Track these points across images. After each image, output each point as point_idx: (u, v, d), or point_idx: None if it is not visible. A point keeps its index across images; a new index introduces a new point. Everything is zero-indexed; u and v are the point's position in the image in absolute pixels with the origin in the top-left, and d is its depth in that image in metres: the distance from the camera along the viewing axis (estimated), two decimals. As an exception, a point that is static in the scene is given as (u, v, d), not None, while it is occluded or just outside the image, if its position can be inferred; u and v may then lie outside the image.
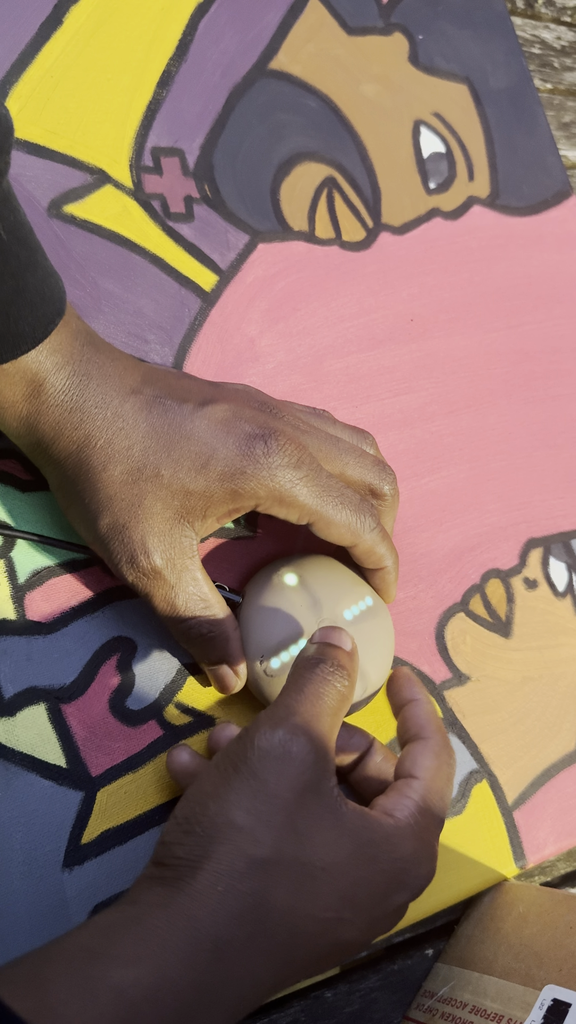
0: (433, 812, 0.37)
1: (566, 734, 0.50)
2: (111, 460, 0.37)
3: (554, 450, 0.54)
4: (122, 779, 0.41)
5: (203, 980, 0.31)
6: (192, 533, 0.38)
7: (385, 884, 0.35)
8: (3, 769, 0.39)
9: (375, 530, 0.41)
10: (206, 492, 0.38)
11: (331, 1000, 0.43)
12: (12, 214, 0.34)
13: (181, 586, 0.39)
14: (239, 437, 0.38)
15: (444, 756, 0.39)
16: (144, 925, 0.31)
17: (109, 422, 0.37)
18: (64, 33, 0.46)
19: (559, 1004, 0.38)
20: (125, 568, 0.38)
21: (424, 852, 0.36)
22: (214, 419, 0.38)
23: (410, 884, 0.35)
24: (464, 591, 0.50)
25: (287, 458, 0.38)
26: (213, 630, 0.40)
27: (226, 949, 0.31)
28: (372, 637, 0.42)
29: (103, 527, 0.38)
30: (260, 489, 0.38)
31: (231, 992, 0.32)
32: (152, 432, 0.37)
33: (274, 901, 0.32)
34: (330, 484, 0.39)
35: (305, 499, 0.38)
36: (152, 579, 0.38)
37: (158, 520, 0.38)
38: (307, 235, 0.50)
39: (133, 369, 0.38)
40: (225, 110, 0.50)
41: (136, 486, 0.37)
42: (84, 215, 0.45)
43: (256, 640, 0.41)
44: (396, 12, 0.56)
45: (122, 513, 0.37)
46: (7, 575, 0.41)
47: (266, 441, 0.38)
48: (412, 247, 0.53)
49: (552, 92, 0.63)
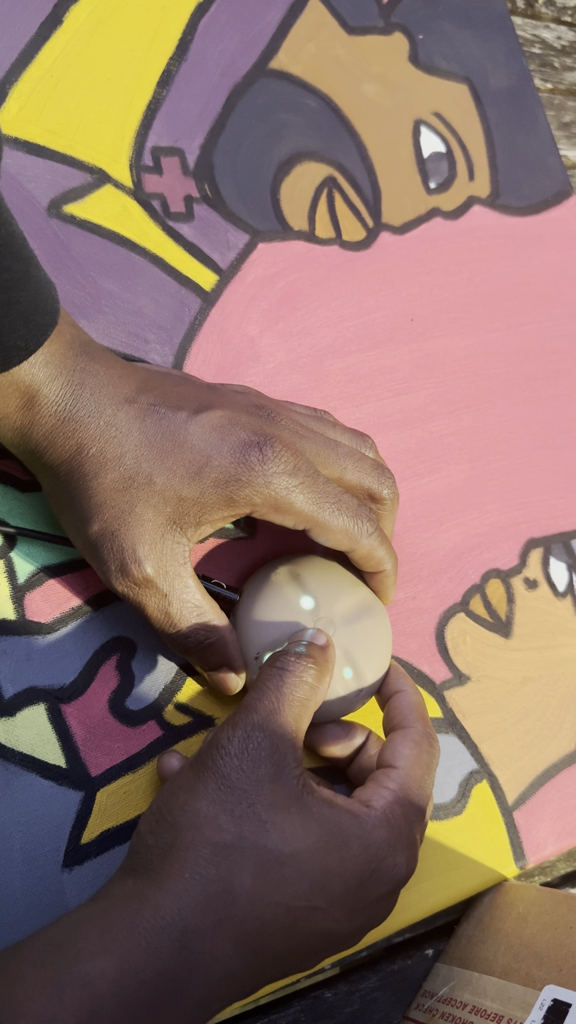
0: (411, 800, 0.37)
1: (566, 734, 0.50)
2: (103, 468, 0.37)
3: (554, 450, 0.54)
4: (122, 779, 0.41)
5: (169, 968, 0.31)
6: (184, 540, 0.38)
7: (358, 872, 0.35)
8: (3, 769, 0.39)
9: (373, 534, 0.40)
10: (200, 499, 0.37)
11: (331, 1000, 0.43)
12: (3, 227, 0.34)
13: (174, 594, 0.38)
14: (234, 444, 0.38)
15: (424, 744, 0.39)
16: (110, 916, 0.32)
17: (102, 431, 0.37)
18: (64, 32, 0.46)
19: (559, 1004, 0.38)
20: (115, 577, 0.38)
21: (400, 841, 0.36)
22: (209, 426, 0.38)
23: (387, 873, 0.35)
24: (464, 591, 0.50)
25: (282, 465, 0.38)
26: (210, 636, 0.39)
27: (192, 936, 0.32)
28: (369, 637, 0.42)
29: (93, 534, 0.37)
30: (255, 496, 0.38)
31: (199, 981, 0.32)
32: (145, 441, 0.37)
33: (239, 887, 0.33)
34: (326, 490, 0.39)
35: (301, 506, 0.38)
36: (144, 588, 0.38)
37: (149, 527, 0.37)
38: (307, 235, 0.50)
39: (128, 377, 0.38)
40: (225, 110, 0.50)
41: (127, 493, 0.37)
42: (84, 215, 0.45)
43: (253, 639, 0.41)
44: (396, 12, 0.56)
45: (112, 520, 0.37)
46: (7, 575, 0.41)
47: (261, 448, 0.38)
48: (412, 247, 0.53)
49: (552, 92, 0.63)
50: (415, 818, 0.37)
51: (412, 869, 0.36)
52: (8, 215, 0.35)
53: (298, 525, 0.39)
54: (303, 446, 0.40)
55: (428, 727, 0.40)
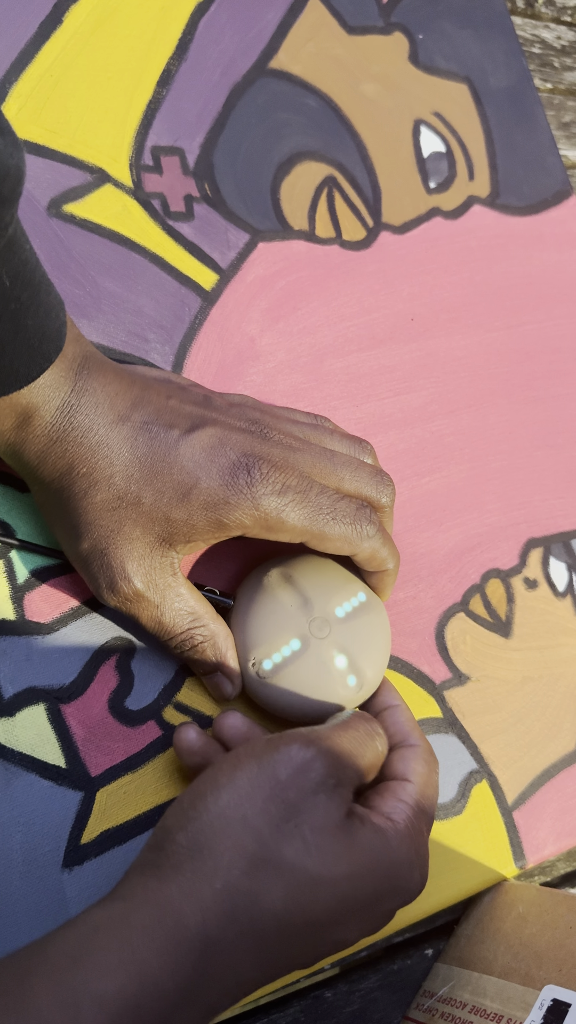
0: (426, 816, 0.37)
1: (566, 734, 0.50)
2: (92, 487, 0.37)
3: (554, 450, 0.54)
4: (121, 779, 0.41)
5: (188, 981, 0.30)
6: (174, 554, 0.39)
7: (379, 889, 0.34)
8: (3, 769, 0.39)
9: (374, 536, 0.40)
10: (189, 521, 0.38)
11: (331, 1000, 0.43)
12: (17, 256, 0.33)
13: (166, 604, 0.39)
14: (222, 467, 0.37)
15: (432, 764, 0.39)
16: (130, 925, 0.30)
17: (92, 450, 0.37)
18: (64, 32, 0.46)
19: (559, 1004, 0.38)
20: (106, 594, 0.38)
21: (418, 859, 0.36)
22: (199, 446, 0.38)
23: (403, 890, 0.35)
24: (464, 591, 0.50)
25: (270, 486, 0.38)
26: (204, 641, 0.40)
27: (213, 948, 0.31)
28: (366, 633, 0.42)
29: (83, 551, 0.38)
30: (246, 519, 0.38)
31: (214, 990, 0.31)
32: (135, 461, 0.37)
33: (269, 904, 0.32)
34: (320, 502, 0.39)
35: (294, 522, 0.38)
36: (135, 602, 0.38)
37: (138, 545, 0.38)
38: (307, 234, 0.50)
39: (124, 393, 0.38)
40: (225, 109, 0.49)
41: (116, 512, 0.37)
42: (84, 214, 0.45)
43: (248, 643, 0.41)
44: (396, 11, 0.56)
45: (101, 539, 0.37)
46: (7, 575, 0.41)
47: (249, 471, 0.38)
48: (412, 246, 0.53)
49: (552, 92, 0.63)
50: (427, 834, 0.37)
51: (423, 886, 0.36)
52: (23, 242, 0.34)
53: (294, 540, 0.39)
54: (297, 460, 0.39)
55: (431, 746, 0.40)
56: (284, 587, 0.42)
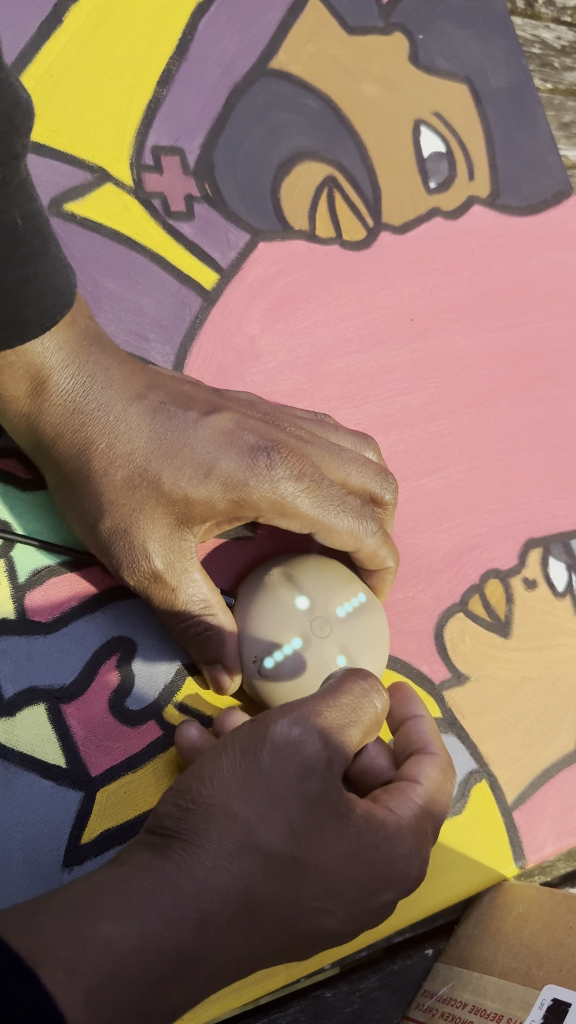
0: (433, 818, 0.37)
1: (566, 734, 0.50)
2: (112, 465, 0.37)
3: (554, 450, 0.54)
4: (122, 779, 0.41)
5: (185, 945, 0.31)
6: (191, 537, 0.39)
7: (375, 881, 0.35)
8: (3, 769, 0.39)
9: (376, 534, 0.41)
10: (208, 501, 0.38)
11: (331, 1000, 0.43)
12: (29, 201, 0.34)
13: (181, 588, 0.39)
14: (242, 448, 0.38)
15: (449, 773, 0.39)
16: (131, 884, 0.31)
17: (111, 426, 0.37)
18: (64, 32, 0.46)
19: (559, 1004, 0.38)
20: (126, 572, 0.39)
21: (417, 856, 0.36)
22: (218, 428, 0.38)
23: (399, 883, 0.35)
24: (463, 591, 0.50)
25: (289, 470, 0.38)
26: (210, 630, 0.40)
27: (208, 921, 0.31)
28: (366, 633, 0.42)
29: (104, 531, 0.38)
30: (262, 501, 0.38)
31: (210, 962, 0.32)
32: (155, 438, 0.37)
33: (260, 890, 0.32)
34: (330, 493, 0.39)
35: (307, 510, 0.39)
36: (152, 582, 0.39)
37: (159, 525, 0.38)
38: (308, 234, 0.50)
39: (139, 373, 0.38)
40: (225, 109, 0.49)
41: (138, 491, 0.37)
42: (84, 213, 0.45)
43: (249, 641, 0.41)
44: (396, 11, 0.56)
45: (123, 518, 0.38)
46: (7, 575, 0.40)
47: (269, 453, 0.38)
48: (412, 247, 0.53)
49: (552, 92, 0.63)
50: (432, 835, 0.37)
51: (420, 882, 0.36)
52: (33, 190, 0.34)
53: (303, 529, 0.40)
54: (308, 451, 0.40)
55: (451, 759, 0.40)
56: (286, 586, 0.42)
